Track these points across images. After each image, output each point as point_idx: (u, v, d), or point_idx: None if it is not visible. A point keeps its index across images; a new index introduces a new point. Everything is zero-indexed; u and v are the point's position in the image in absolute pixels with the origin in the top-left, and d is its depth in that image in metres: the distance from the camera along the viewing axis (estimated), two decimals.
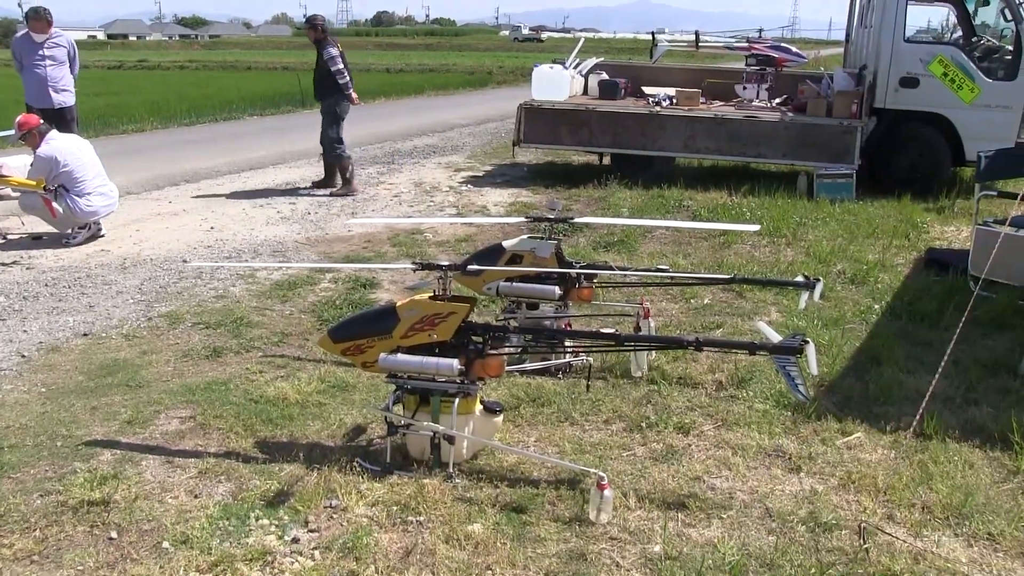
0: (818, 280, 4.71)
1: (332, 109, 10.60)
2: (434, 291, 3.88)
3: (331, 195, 10.68)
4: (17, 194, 8.01)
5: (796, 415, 4.39)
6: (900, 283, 6.77)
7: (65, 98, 9.69)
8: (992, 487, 3.72)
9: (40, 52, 9.48)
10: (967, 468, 3.85)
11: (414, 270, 4.01)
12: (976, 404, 4.54)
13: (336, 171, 10.95)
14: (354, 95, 10.66)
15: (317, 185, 11.08)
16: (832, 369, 4.98)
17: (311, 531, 3.37)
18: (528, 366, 4.92)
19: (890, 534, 3.33)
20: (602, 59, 14.30)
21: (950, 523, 3.43)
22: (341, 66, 10.47)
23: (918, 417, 4.08)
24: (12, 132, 8.19)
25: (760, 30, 13.77)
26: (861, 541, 3.28)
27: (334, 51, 10.47)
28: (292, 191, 10.84)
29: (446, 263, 3.92)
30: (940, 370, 3.42)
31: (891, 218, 9.10)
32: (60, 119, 9.29)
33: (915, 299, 6.22)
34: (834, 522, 3.40)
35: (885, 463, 3.92)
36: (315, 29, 10.69)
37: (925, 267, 7.20)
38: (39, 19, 9.47)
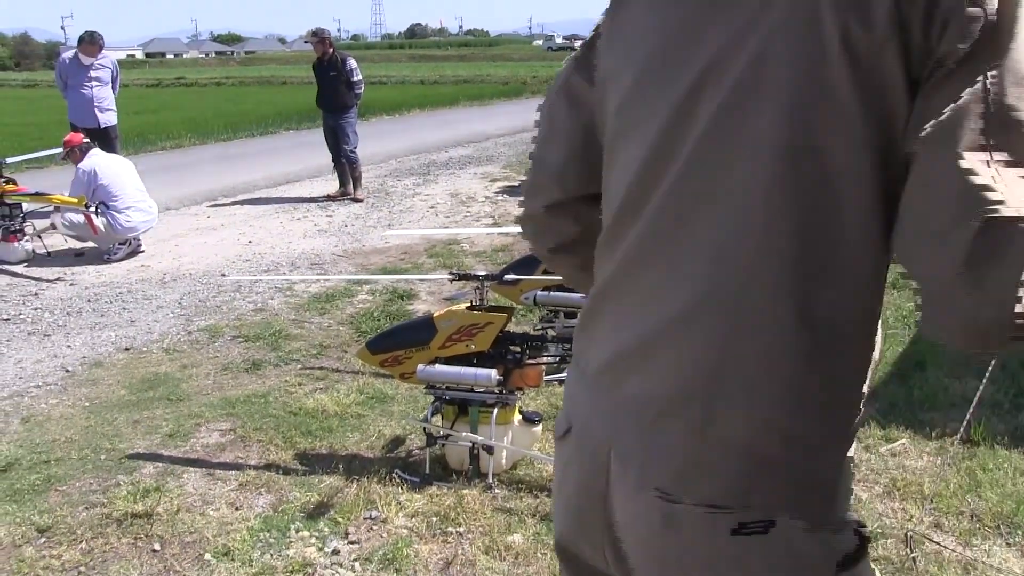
0: None
1: (352, 119, 10.98)
2: (471, 301, 3.88)
3: (352, 200, 11.04)
4: (61, 220, 8.13)
5: None
6: None
7: (109, 117, 9.88)
8: None
9: (88, 74, 9.69)
10: (1018, 475, 3.76)
11: (451, 280, 4.02)
12: None
13: (350, 177, 11.22)
14: None
15: (341, 195, 11.25)
16: (875, 375, 4.89)
17: (351, 543, 3.37)
18: (567, 375, 4.88)
19: (938, 543, 3.26)
20: None
21: (1001, 532, 3.34)
22: (361, 76, 10.94)
23: (965, 423, 3.99)
24: (60, 150, 8.38)
25: None
26: (908, 550, 3.21)
27: (355, 63, 10.88)
28: (329, 204, 10.93)
29: (483, 273, 3.91)
30: (987, 375, 3.34)
31: None
32: (104, 138, 9.46)
33: None
34: (880, 530, 3.34)
35: (931, 470, 3.84)
36: (324, 43, 10.87)
37: None
38: (93, 43, 9.69)
